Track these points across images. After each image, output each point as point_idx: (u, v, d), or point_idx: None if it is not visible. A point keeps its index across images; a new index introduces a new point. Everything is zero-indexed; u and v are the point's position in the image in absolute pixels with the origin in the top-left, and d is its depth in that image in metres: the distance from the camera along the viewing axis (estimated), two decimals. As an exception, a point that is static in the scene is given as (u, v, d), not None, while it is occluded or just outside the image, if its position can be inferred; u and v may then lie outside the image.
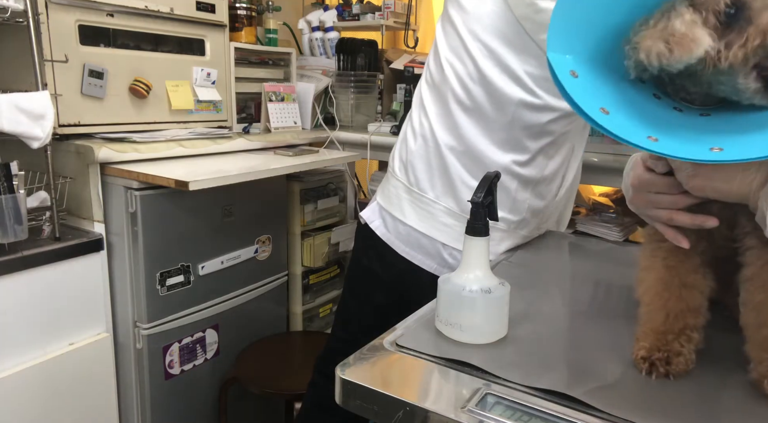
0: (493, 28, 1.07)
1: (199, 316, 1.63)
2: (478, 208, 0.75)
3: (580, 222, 1.52)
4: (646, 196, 0.70)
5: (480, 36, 1.09)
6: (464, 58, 1.10)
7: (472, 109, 1.11)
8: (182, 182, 1.32)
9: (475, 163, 1.11)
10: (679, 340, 0.67)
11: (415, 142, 1.17)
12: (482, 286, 0.75)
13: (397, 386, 0.66)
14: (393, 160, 1.23)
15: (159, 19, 1.63)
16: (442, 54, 1.14)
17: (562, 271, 1.10)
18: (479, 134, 1.11)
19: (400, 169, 1.19)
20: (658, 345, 0.68)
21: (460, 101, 1.11)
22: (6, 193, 1.24)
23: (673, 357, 0.66)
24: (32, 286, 1.32)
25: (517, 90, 1.07)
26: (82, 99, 1.48)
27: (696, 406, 0.62)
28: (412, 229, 1.14)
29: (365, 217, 1.23)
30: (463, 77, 1.11)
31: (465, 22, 1.10)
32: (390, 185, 1.21)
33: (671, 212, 0.68)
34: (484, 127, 1.11)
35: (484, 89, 1.09)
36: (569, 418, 0.60)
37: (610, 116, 0.57)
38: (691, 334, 0.68)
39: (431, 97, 1.16)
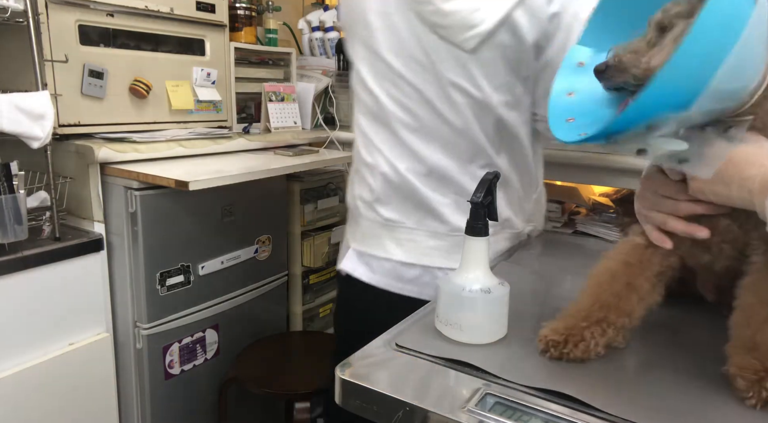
0: (411, 42, 1.03)
1: (199, 316, 1.63)
2: (478, 208, 0.75)
3: (580, 222, 1.51)
4: (651, 195, 0.70)
5: (402, 54, 1.04)
6: (396, 81, 1.05)
7: (420, 128, 1.06)
8: (182, 182, 1.32)
9: (442, 181, 1.07)
10: (591, 329, 0.69)
11: (374, 179, 1.10)
12: (482, 286, 0.75)
13: (396, 386, 0.66)
14: (355, 200, 1.15)
15: (159, 19, 1.63)
16: (369, 82, 1.08)
17: (562, 271, 1.10)
18: (437, 151, 1.06)
19: (368, 208, 1.12)
20: (564, 328, 0.69)
21: (406, 125, 1.06)
22: (6, 193, 1.24)
23: (570, 341, 0.68)
24: (32, 286, 1.32)
25: (458, 96, 1.03)
26: (82, 99, 1.48)
27: (696, 407, 0.62)
28: (400, 263, 1.08)
29: (347, 269, 1.14)
30: (401, 100, 1.06)
31: (382, 44, 1.05)
32: (361, 227, 1.13)
33: (666, 217, 0.68)
34: (439, 143, 1.06)
35: (426, 106, 1.04)
36: (569, 418, 0.60)
37: (572, 98, 0.65)
38: (606, 328, 0.69)
39: (375, 128, 1.10)
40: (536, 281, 1.03)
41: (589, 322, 0.69)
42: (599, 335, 0.68)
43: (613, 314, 0.69)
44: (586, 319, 0.69)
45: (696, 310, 0.85)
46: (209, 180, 1.37)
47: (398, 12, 1.04)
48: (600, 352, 0.69)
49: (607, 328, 0.69)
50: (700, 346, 0.76)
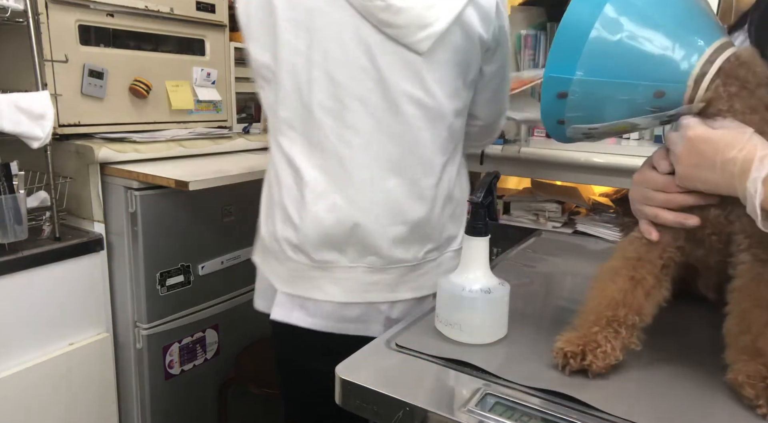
0: (352, 45, 0.91)
1: (199, 316, 1.63)
2: (478, 208, 0.75)
3: (580, 222, 1.52)
4: (643, 191, 0.71)
5: (341, 60, 0.91)
6: (334, 92, 0.92)
7: (363, 148, 0.94)
8: (182, 182, 1.32)
9: (388, 210, 0.96)
10: (603, 332, 0.67)
11: (302, 218, 0.96)
12: (482, 286, 0.75)
13: (397, 386, 0.66)
14: (277, 241, 1.01)
15: (159, 19, 1.63)
16: (296, 94, 0.94)
17: (562, 271, 1.10)
18: (384, 175, 0.95)
19: (296, 251, 0.99)
20: (578, 337, 0.67)
21: (346, 143, 0.94)
22: (6, 193, 1.24)
23: (589, 352, 0.66)
24: (32, 286, 1.32)
25: (410, 107, 0.93)
26: (82, 99, 1.48)
27: (696, 406, 0.62)
28: (340, 304, 0.98)
29: (279, 317, 1.01)
30: (340, 114, 0.93)
31: (314, 47, 0.91)
32: (289, 269, 1.00)
33: (657, 209, 0.69)
34: (386, 165, 0.95)
35: (371, 120, 0.93)
36: (569, 418, 0.60)
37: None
38: (619, 328, 0.67)
39: (306, 152, 0.96)
40: (536, 281, 1.03)
41: (600, 326, 0.67)
42: (613, 338, 0.66)
43: (622, 311, 0.68)
44: (596, 322, 0.68)
45: (696, 310, 0.85)
46: (209, 180, 1.37)
47: (336, 9, 0.90)
48: (619, 357, 0.66)
49: (618, 327, 0.67)
50: (700, 346, 0.76)
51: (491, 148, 1.58)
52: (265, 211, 1.05)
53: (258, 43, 0.96)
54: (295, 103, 0.95)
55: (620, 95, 0.66)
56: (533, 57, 1.63)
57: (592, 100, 0.66)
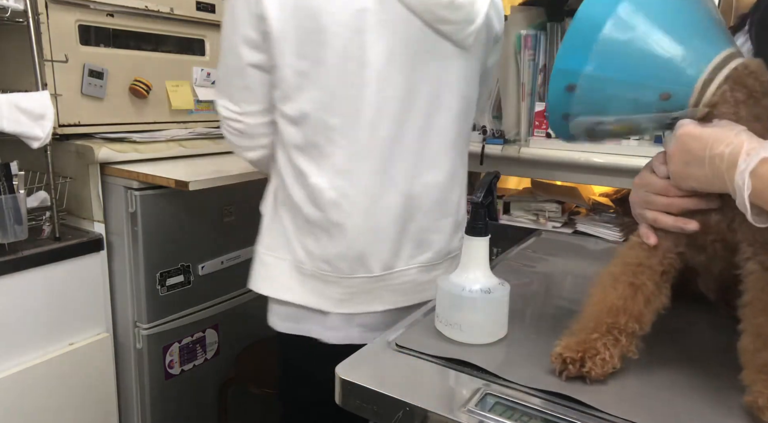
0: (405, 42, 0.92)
1: (199, 316, 1.63)
2: (478, 208, 0.75)
3: (580, 222, 1.51)
4: (644, 195, 0.71)
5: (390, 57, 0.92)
6: (384, 92, 0.93)
7: (412, 147, 0.98)
8: (182, 182, 1.32)
9: (439, 204, 1.03)
10: (603, 340, 0.66)
11: (346, 233, 0.97)
12: (482, 286, 0.75)
13: (396, 386, 0.66)
14: (329, 263, 0.99)
15: (159, 19, 1.63)
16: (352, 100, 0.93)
17: (562, 271, 1.10)
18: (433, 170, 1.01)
19: (350, 267, 0.99)
20: (577, 343, 0.67)
21: (397, 142, 0.96)
22: (6, 193, 1.24)
23: (588, 358, 0.65)
24: (32, 286, 1.32)
25: (453, 101, 0.98)
26: (82, 99, 1.48)
27: (696, 406, 0.62)
28: (399, 310, 1.01)
29: (338, 340, 1.01)
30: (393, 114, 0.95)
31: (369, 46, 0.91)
32: (344, 288, 1.00)
33: (657, 214, 0.68)
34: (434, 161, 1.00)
35: (420, 119, 0.96)
36: (569, 418, 0.60)
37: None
38: (618, 336, 0.66)
39: (353, 160, 0.95)
40: (536, 281, 1.03)
41: (600, 332, 0.67)
42: (612, 346, 0.66)
43: (622, 318, 0.67)
44: (596, 328, 0.67)
45: (696, 310, 0.85)
46: (209, 180, 1.37)
47: (385, 8, 0.89)
48: (616, 365, 0.66)
49: (619, 335, 0.67)
50: (699, 346, 0.76)
51: (491, 148, 1.58)
52: (293, 235, 1.01)
53: (292, 50, 0.91)
54: (346, 107, 0.93)
55: (627, 94, 0.67)
56: (533, 57, 1.63)
57: (599, 96, 0.67)
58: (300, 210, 0.99)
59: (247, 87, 0.98)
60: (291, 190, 0.99)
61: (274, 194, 1.05)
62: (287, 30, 0.90)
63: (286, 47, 0.91)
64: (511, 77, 1.66)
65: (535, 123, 1.60)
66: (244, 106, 1.00)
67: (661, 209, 0.68)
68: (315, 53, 0.90)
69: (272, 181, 1.07)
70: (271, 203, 1.05)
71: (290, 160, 0.98)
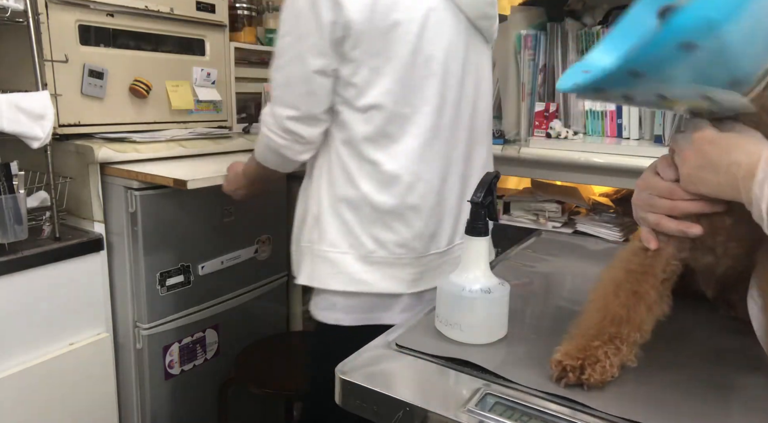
0: (454, 38, 1.05)
1: (199, 316, 1.63)
2: (478, 208, 0.75)
3: (580, 222, 1.52)
4: (647, 197, 0.69)
5: (448, 52, 1.04)
6: (448, 84, 1.06)
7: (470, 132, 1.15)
8: (180, 181, 1.32)
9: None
10: (604, 348, 0.65)
11: (428, 211, 1.08)
12: (482, 286, 0.75)
13: (397, 386, 0.66)
14: (405, 246, 1.07)
15: (159, 19, 1.63)
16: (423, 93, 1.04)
17: (562, 271, 1.10)
18: (477, 155, 1.16)
19: (427, 244, 1.09)
20: (577, 350, 0.65)
21: (464, 128, 1.13)
22: (6, 193, 1.24)
23: (588, 366, 0.64)
24: (32, 286, 1.32)
25: (486, 89, 1.16)
26: (82, 99, 1.48)
27: (696, 407, 0.62)
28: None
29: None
30: (457, 103, 1.09)
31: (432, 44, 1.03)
32: (417, 267, 1.09)
33: (660, 217, 0.67)
34: (474, 145, 1.16)
35: (468, 106, 1.11)
36: (569, 418, 0.60)
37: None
38: (620, 345, 0.65)
39: (425, 146, 1.06)
40: (536, 281, 1.03)
41: (602, 340, 0.65)
42: (613, 355, 0.65)
43: (626, 328, 0.66)
44: (598, 336, 0.66)
45: (695, 309, 0.85)
46: (207, 179, 1.37)
47: (442, 5, 1.02)
48: (615, 374, 0.65)
49: (620, 345, 0.65)
50: (699, 345, 0.76)
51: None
52: (358, 228, 1.06)
53: (368, 49, 0.99)
54: (416, 97, 1.03)
55: (737, 68, 0.56)
56: (533, 57, 1.63)
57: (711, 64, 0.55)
58: (368, 201, 1.05)
59: (313, 92, 1.02)
60: (357, 183, 1.05)
61: (328, 192, 1.09)
62: (365, 31, 0.98)
63: (364, 47, 0.99)
64: (511, 77, 1.67)
65: (535, 123, 1.60)
66: (304, 110, 1.04)
67: (664, 212, 0.67)
68: (387, 50, 0.99)
69: (319, 182, 1.10)
70: (327, 201, 1.08)
71: (358, 154, 1.05)
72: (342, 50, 0.99)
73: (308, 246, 1.11)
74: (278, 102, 1.06)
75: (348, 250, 1.07)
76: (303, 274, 1.13)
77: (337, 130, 1.07)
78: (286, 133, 1.06)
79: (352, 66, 1.00)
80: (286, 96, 1.05)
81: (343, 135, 1.05)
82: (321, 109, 1.04)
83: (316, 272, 1.10)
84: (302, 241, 1.14)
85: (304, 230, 1.13)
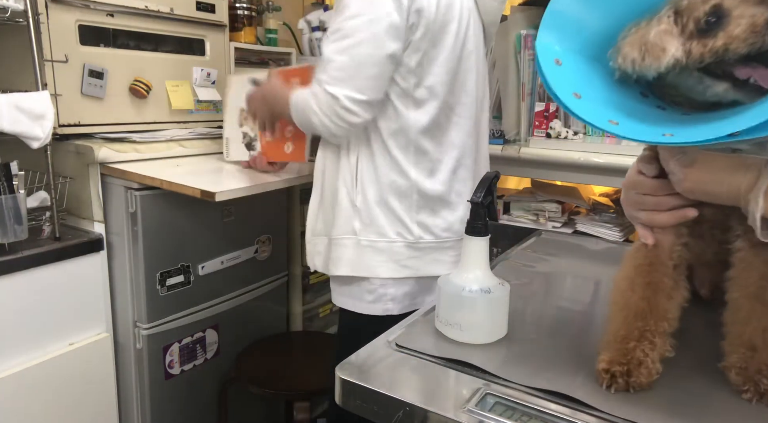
0: (477, 35, 1.16)
1: (199, 316, 1.63)
2: (478, 208, 0.75)
3: (580, 222, 1.52)
4: (633, 196, 0.71)
5: (474, 48, 1.15)
6: (477, 79, 1.17)
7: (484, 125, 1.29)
8: (208, 193, 1.30)
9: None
10: (641, 346, 0.66)
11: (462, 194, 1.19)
12: (482, 286, 0.75)
13: (396, 386, 0.66)
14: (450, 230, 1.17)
15: (159, 19, 1.63)
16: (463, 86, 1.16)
17: (562, 271, 1.10)
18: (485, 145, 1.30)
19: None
20: (620, 355, 0.66)
21: (487, 120, 1.29)
22: (6, 193, 1.24)
23: (634, 369, 0.65)
24: (32, 286, 1.32)
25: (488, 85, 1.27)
26: (82, 99, 1.48)
27: (696, 406, 0.62)
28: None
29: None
30: (480, 97, 1.20)
31: (470, 41, 1.14)
32: (455, 251, 1.17)
33: (651, 213, 0.69)
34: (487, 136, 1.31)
35: (484, 96, 1.23)
36: (569, 418, 0.60)
37: (580, 100, 0.60)
38: (653, 338, 0.66)
39: (468, 139, 1.18)
40: (536, 281, 1.03)
41: (635, 339, 0.66)
42: (651, 350, 0.66)
43: (651, 320, 0.67)
44: (629, 335, 0.67)
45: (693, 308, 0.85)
46: (234, 191, 1.35)
47: (474, 10, 1.13)
48: (659, 369, 0.66)
49: (653, 338, 0.67)
50: (698, 344, 0.76)
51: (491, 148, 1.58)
52: (405, 215, 1.12)
53: (432, 38, 1.06)
54: (461, 88, 1.12)
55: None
56: (533, 57, 1.63)
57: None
58: (417, 189, 1.11)
59: (378, 76, 1.03)
60: (406, 171, 1.10)
61: (373, 182, 1.11)
62: (432, 20, 1.04)
63: (429, 36, 1.04)
64: (511, 77, 1.67)
65: (535, 123, 1.60)
66: (366, 95, 1.03)
67: (651, 208, 0.69)
68: (443, 41, 1.07)
69: (360, 173, 1.12)
70: (373, 191, 1.11)
71: (409, 143, 1.10)
72: (412, 37, 1.03)
73: (345, 237, 1.13)
74: (340, 83, 1.02)
75: (396, 238, 1.11)
76: (343, 265, 1.13)
77: (384, 122, 1.09)
78: (339, 118, 1.04)
79: (418, 55, 1.04)
80: (354, 78, 1.02)
81: (394, 125, 1.09)
82: (381, 95, 1.05)
83: (363, 262, 1.12)
84: (333, 233, 1.14)
85: (337, 221, 1.14)
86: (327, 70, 1.04)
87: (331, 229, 1.16)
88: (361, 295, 1.14)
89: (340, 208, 1.14)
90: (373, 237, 1.11)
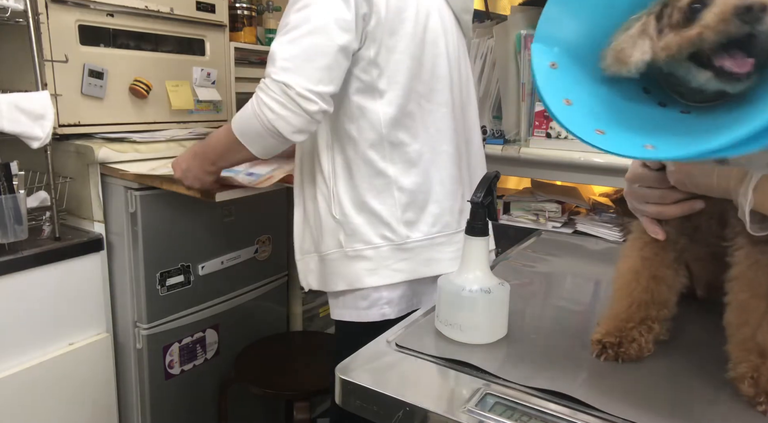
0: (452, 35, 1.15)
1: (199, 316, 1.63)
2: (478, 208, 0.75)
3: (580, 222, 1.52)
4: (637, 189, 0.72)
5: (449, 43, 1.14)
6: (460, 69, 1.18)
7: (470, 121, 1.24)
8: (209, 193, 1.30)
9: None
10: (638, 328, 0.70)
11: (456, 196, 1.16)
12: (482, 286, 0.75)
13: (396, 386, 0.66)
14: (449, 225, 1.13)
15: (159, 19, 1.63)
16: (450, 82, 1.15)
17: (562, 271, 1.10)
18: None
19: (460, 218, 1.15)
20: (615, 330, 0.70)
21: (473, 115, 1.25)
22: (6, 193, 1.24)
23: (625, 342, 0.69)
24: (32, 286, 1.32)
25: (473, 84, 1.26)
26: (82, 99, 1.48)
27: (696, 405, 0.62)
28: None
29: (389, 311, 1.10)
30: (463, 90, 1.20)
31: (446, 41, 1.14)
32: (459, 243, 1.12)
33: (660, 206, 0.69)
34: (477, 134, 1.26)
35: (468, 89, 1.22)
36: (569, 418, 0.60)
37: (570, 107, 0.59)
38: (652, 324, 0.70)
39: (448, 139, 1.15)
40: (536, 281, 1.03)
41: (635, 323, 0.70)
42: (647, 332, 0.70)
43: (653, 310, 0.71)
44: (629, 320, 0.71)
45: (691, 308, 0.85)
46: (234, 191, 1.35)
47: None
48: (651, 349, 0.70)
49: (652, 324, 0.70)
50: (697, 344, 0.76)
51: (491, 148, 1.59)
52: (389, 216, 1.07)
53: (387, 28, 1.03)
54: (430, 74, 1.09)
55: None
56: (533, 57, 1.63)
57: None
58: (396, 185, 1.07)
59: (329, 67, 0.98)
60: (384, 170, 1.07)
61: (348, 191, 1.08)
62: (384, 9, 1.01)
63: (384, 25, 1.02)
64: (511, 77, 1.66)
65: (535, 123, 1.60)
66: (320, 87, 0.97)
67: (655, 201, 0.70)
68: (401, 28, 1.04)
69: (334, 184, 1.08)
70: (349, 199, 1.07)
71: (384, 138, 1.06)
72: (367, 27, 1.00)
73: (333, 252, 1.09)
74: (289, 72, 0.97)
75: (381, 243, 1.07)
76: (337, 281, 1.10)
77: (351, 123, 1.05)
78: (295, 105, 0.97)
79: (376, 45, 1.02)
80: (303, 68, 0.97)
81: (362, 124, 1.05)
82: (335, 89, 0.99)
83: (351, 274, 1.08)
84: (322, 249, 1.11)
85: (324, 237, 1.10)
86: (275, 63, 0.98)
87: (319, 245, 1.12)
88: (355, 302, 1.10)
89: (324, 223, 1.10)
90: (359, 245, 1.07)
